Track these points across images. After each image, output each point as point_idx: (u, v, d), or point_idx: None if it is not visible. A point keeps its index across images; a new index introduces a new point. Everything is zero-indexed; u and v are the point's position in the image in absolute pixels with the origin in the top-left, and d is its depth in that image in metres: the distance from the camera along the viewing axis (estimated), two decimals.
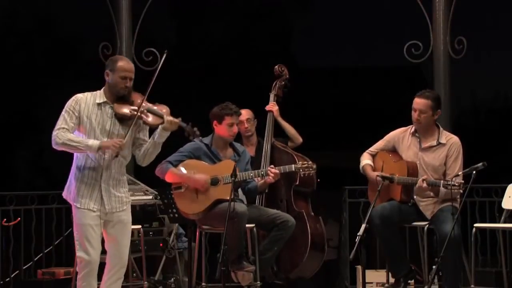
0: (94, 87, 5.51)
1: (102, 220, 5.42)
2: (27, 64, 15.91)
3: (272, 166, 6.79)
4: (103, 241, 5.50)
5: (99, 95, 5.47)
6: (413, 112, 6.66)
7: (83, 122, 5.40)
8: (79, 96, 5.46)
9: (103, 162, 5.40)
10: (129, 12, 8.28)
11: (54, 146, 5.38)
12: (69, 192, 5.47)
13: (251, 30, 17.94)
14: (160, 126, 5.46)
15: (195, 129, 5.58)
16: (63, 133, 5.33)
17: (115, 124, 5.44)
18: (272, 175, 6.66)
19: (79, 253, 5.40)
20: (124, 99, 5.45)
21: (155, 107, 5.48)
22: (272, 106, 7.46)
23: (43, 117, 14.94)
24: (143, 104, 5.41)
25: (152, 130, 5.56)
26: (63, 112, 5.41)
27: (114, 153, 5.35)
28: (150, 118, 5.45)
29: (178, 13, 18.37)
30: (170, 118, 5.45)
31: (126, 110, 5.42)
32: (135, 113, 5.39)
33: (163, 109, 5.49)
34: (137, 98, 5.48)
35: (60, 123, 5.38)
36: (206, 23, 17.73)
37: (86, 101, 5.43)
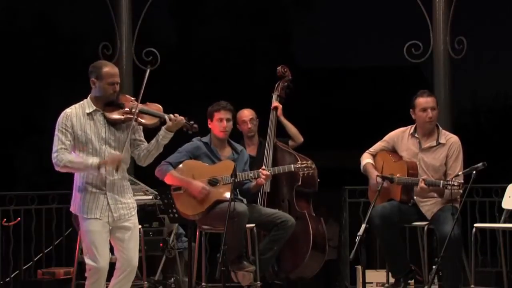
0: None
1: (110, 227, 5.42)
2: (27, 64, 15.92)
3: (264, 167, 6.77)
4: (112, 247, 5.50)
5: (87, 105, 5.40)
6: (422, 113, 6.62)
7: (78, 136, 5.34)
8: (68, 112, 5.38)
9: (105, 170, 5.38)
10: (129, 12, 8.28)
11: (57, 169, 5.35)
12: (75, 205, 5.44)
13: (252, 30, 17.95)
14: (163, 128, 5.45)
15: (192, 122, 5.58)
16: (63, 155, 5.30)
17: (109, 130, 5.40)
18: (264, 177, 6.66)
19: (87, 261, 5.37)
20: (113, 104, 5.40)
21: (149, 108, 5.44)
22: (277, 105, 7.47)
23: (43, 117, 14.95)
24: (138, 106, 5.35)
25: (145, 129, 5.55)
26: (56, 132, 5.35)
27: (114, 168, 5.33)
28: (145, 119, 5.42)
29: (178, 13, 18.39)
30: (173, 116, 5.43)
31: (118, 114, 5.38)
32: (130, 116, 5.36)
33: (158, 108, 5.47)
34: (126, 100, 5.44)
35: (56, 144, 5.33)
36: (206, 23, 17.74)
37: (76, 115, 5.36)
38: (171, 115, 5.45)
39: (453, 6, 7.94)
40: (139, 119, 5.40)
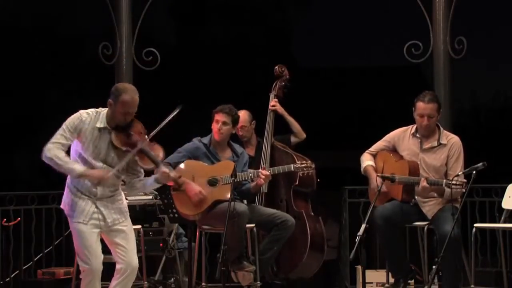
0: (93, 87, 5.48)
1: (100, 229, 5.42)
2: (27, 64, 15.91)
3: (264, 167, 6.78)
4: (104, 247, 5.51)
5: (100, 119, 5.38)
6: (419, 118, 6.60)
7: (82, 141, 5.36)
8: (84, 116, 5.37)
9: (83, 180, 5.39)
10: (129, 12, 8.28)
11: (43, 158, 5.32)
12: (65, 204, 5.48)
13: (251, 30, 17.95)
14: (153, 179, 5.49)
15: (180, 182, 5.62)
16: (56, 150, 5.28)
17: (110, 151, 5.41)
18: (263, 177, 6.65)
19: (80, 263, 5.39)
20: (123, 129, 5.40)
21: (151, 151, 5.42)
22: (275, 103, 7.45)
23: (43, 117, 14.93)
24: (141, 144, 5.36)
25: None
26: (63, 126, 5.34)
27: (95, 183, 5.35)
28: (142, 161, 5.42)
29: (178, 13, 18.39)
30: (164, 170, 5.43)
31: (121, 143, 5.38)
32: (130, 150, 5.36)
33: (159, 153, 5.46)
34: (138, 127, 5.43)
35: (58, 137, 5.32)
36: (206, 23, 17.74)
37: (90, 123, 5.35)
38: (164, 169, 5.44)
39: (453, 6, 7.93)
40: (138, 158, 5.41)
